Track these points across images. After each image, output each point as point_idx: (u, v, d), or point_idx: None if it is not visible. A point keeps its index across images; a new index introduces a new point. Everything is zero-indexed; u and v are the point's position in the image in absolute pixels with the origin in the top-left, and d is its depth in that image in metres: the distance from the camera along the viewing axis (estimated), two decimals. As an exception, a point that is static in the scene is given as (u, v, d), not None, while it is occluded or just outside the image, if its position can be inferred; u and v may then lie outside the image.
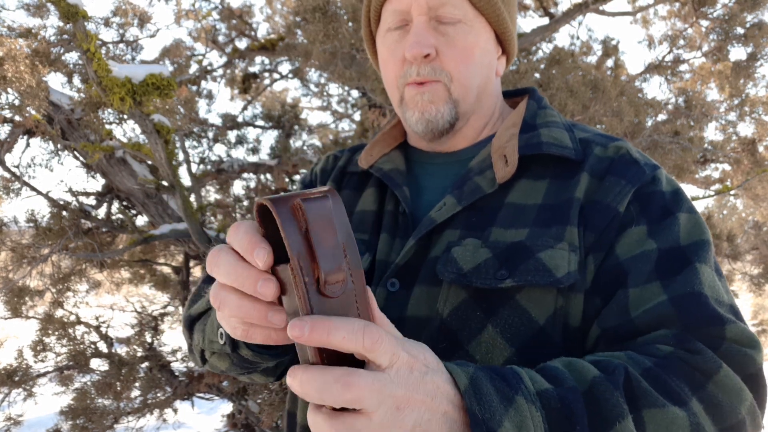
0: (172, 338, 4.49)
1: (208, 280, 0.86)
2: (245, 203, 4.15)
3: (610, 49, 3.94)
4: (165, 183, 2.70)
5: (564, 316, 0.70)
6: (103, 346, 3.60)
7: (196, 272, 4.17)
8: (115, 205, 3.41)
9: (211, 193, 4.36)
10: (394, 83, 0.85)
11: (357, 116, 4.94)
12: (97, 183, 3.47)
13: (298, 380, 0.44)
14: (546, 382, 0.56)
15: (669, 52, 4.03)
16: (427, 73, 0.80)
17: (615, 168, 0.76)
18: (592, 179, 0.76)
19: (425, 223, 0.78)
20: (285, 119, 4.43)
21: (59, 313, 3.52)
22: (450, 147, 0.89)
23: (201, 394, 3.79)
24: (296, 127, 4.52)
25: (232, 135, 4.42)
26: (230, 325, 0.54)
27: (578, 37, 4.27)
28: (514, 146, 0.79)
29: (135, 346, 3.69)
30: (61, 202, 3.14)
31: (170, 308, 4.24)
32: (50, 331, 3.38)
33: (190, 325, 0.83)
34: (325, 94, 5.06)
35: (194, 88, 4.12)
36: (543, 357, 0.65)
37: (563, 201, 0.75)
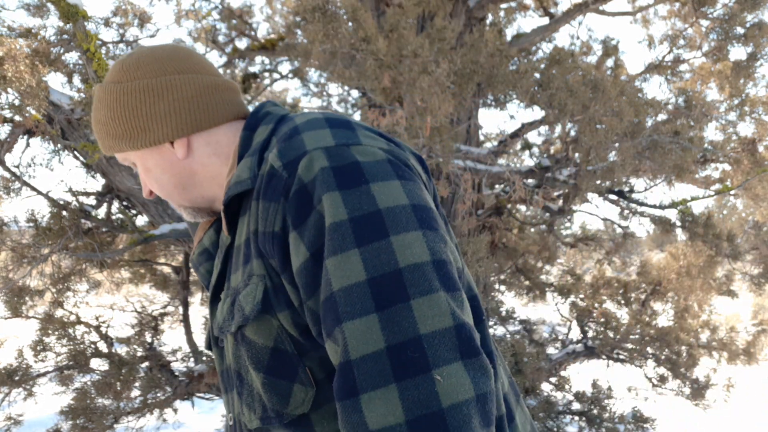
0: (172, 338, 4.49)
1: None
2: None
3: (610, 49, 3.94)
4: (165, 183, 2.70)
5: (286, 331, 0.79)
6: (103, 346, 3.60)
7: (196, 272, 4.16)
8: (115, 205, 3.41)
9: (211, 193, 4.35)
10: None
11: (357, 116, 4.94)
12: (97, 183, 3.48)
13: None
14: None
15: (669, 52, 4.04)
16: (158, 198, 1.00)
17: (262, 190, 0.77)
18: (256, 204, 0.79)
19: (211, 289, 0.91)
20: (285, 119, 4.42)
21: (59, 313, 3.52)
22: None
23: (201, 394, 3.80)
24: (296, 127, 4.51)
25: (232, 135, 4.40)
26: None
27: (578, 37, 4.28)
28: (221, 197, 0.91)
29: (135, 346, 3.69)
30: (61, 202, 3.14)
31: (170, 308, 4.25)
32: (50, 331, 3.39)
33: None
34: (325, 94, 5.05)
35: (194, 88, 4.10)
36: (286, 367, 0.78)
37: (249, 235, 0.81)
